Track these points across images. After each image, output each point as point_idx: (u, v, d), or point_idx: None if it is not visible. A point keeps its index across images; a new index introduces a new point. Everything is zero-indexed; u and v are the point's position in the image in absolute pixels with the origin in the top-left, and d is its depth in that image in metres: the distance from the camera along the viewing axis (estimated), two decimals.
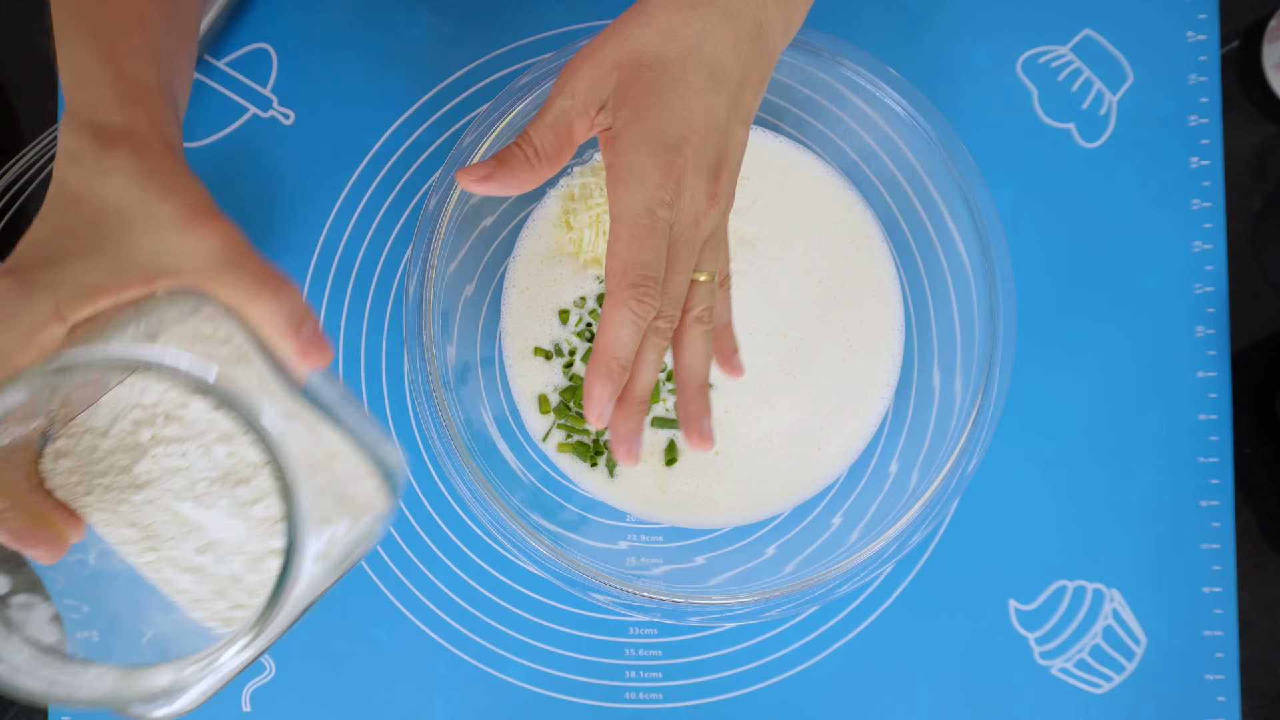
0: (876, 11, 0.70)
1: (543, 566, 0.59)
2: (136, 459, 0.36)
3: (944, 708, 0.67)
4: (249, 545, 0.37)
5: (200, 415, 0.37)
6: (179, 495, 0.36)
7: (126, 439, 0.37)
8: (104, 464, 0.36)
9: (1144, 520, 0.68)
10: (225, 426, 0.37)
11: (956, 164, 0.61)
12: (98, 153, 0.39)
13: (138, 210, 0.38)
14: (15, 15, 0.70)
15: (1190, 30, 0.70)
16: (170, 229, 0.38)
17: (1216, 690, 0.67)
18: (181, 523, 0.36)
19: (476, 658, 0.67)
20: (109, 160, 0.39)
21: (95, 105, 0.40)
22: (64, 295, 0.37)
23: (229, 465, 0.37)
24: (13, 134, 0.70)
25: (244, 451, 0.37)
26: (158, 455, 0.36)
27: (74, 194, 0.39)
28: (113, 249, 0.38)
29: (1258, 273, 0.69)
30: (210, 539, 0.36)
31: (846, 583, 0.60)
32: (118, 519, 0.36)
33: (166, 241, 0.38)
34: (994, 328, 0.60)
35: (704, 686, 0.67)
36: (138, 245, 0.38)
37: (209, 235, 0.38)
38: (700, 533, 0.66)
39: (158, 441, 0.37)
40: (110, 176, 0.39)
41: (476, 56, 0.69)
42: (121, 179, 0.39)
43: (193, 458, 0.36)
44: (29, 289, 0.37)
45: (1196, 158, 0.69)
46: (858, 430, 0.66)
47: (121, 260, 0.38)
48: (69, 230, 0.38)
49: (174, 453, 0.36)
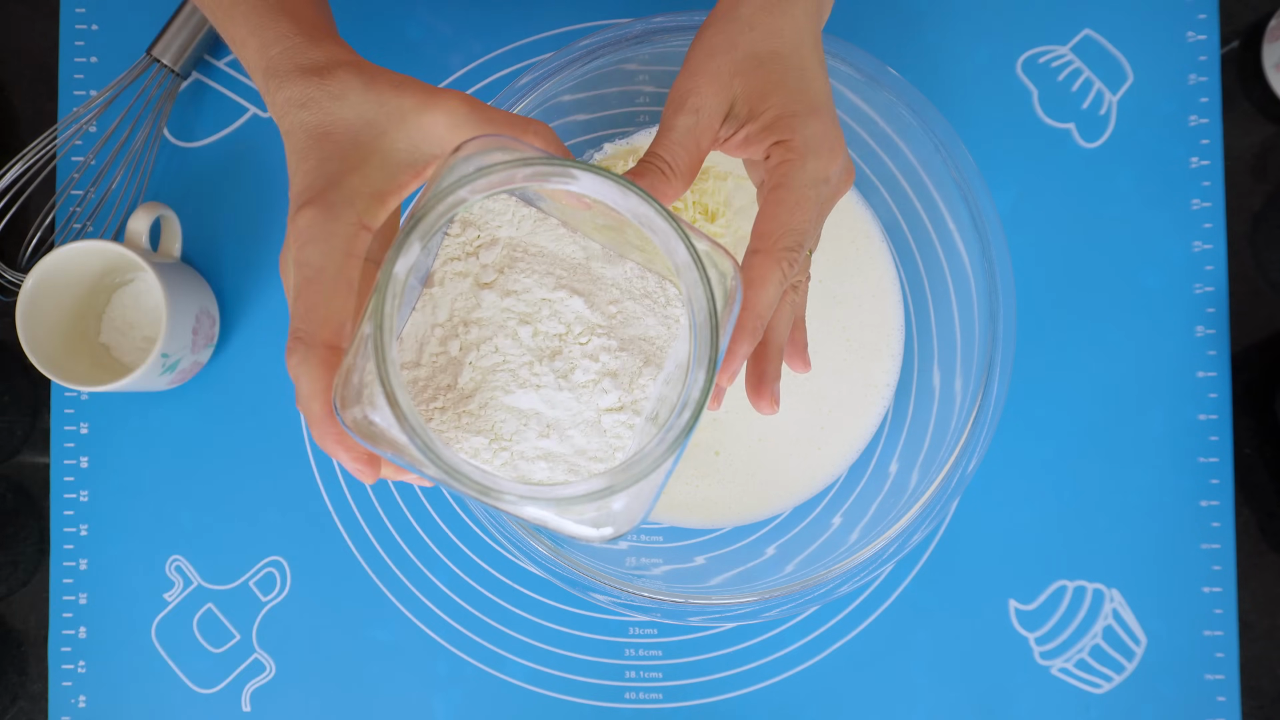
0: (876, 11, 0.70)
1: (543, 566, 0.59)
2: (456, 374, 0.39)
3: (944, 708, 0.67)
4: (583, 413, 0.38)
5: (494, 309, 0.39)
6: (506, 389, 0.38)
7: (439, 360, 0.39)
8: (430, 389, 0.39)
9: (1144, 520, 0.68)
10: (521, 309, 0.39)
11: (956, 164, 0.61)
12: (319, 87, 0.42)
13: (380, 115, 0.42)
14: (15, 15, 0.70)
15: (1190, 30, 0.70)
16: (417, 114, 0.41)
17: (1216, 690, 0.67)
18: (517, 415, 0.38)
19: (476, 658, 0.67)
20: (333, 87, 0.42)
21: (291, 53, 0.43)
22: (360, 206, 0.40)
23: (537, 344, 0.39)
24: (12, 134, 0.70)
25: (546, 326, 0.39)
26: (473, 361, 0.39)
27: (318, 129, 0.42)
28: (377, 155, 0.41)
29: (1258, 273, 0.69)
30: (548, 420, 0.38)
31: (846, 583, 0.60)
32: (464, 433, 0.38)
33: (419, 127, 0.41)
34: (994, 327, 0.60)
35: (704, 686, 0.67)
36: (396, 145, 0.41)
37: (453, 101, 0.42)
38: (700, 533, 0.66)
39: (467, 349, 0.39)
40: (343, 99, 0.42)
41: (476, 56, 0.69)
42: (354, 96, 0.42)
43: (505, 349, 0.39)
44: (331, 209, 0.40)
45: (1196, 158, 0.69)
46: (858, 430, 0.66)
47: (389, 161, 0.41)
48: (331, 156, 0.41)
49: (486, 352, 0.39)
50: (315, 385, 0.39)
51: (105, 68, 0.69)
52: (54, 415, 0.69)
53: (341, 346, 0.39)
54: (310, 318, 0.39)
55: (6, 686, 0.68)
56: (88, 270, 0.66)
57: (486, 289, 0.39)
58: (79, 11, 0.70)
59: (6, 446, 0.69)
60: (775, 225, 0.45)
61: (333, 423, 0.39)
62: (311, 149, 0.42)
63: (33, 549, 0.69)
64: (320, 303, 0.40)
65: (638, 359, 0.39)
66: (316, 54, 0.43)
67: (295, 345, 0.40)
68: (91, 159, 0.68)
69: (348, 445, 0.39)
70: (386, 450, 0.37)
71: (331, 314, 0.40)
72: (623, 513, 0.39)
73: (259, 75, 0.44)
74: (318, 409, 0.39)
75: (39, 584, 0.68)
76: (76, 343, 0.67)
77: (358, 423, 0.37)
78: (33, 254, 0.68)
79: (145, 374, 0.63)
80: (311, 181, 0.41)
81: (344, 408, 0.37)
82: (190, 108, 0.70)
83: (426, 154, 0.42)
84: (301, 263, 0.40)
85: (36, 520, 0.68)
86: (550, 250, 0.40)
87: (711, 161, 0.66)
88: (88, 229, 0.68)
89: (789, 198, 0.46)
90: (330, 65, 0.43)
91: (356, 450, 0.39)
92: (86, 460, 0.68)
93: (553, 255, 0.40)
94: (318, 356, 0.39)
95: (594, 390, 0.39)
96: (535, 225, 0.41)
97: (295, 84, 0.43)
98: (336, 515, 0.68)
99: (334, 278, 0.40)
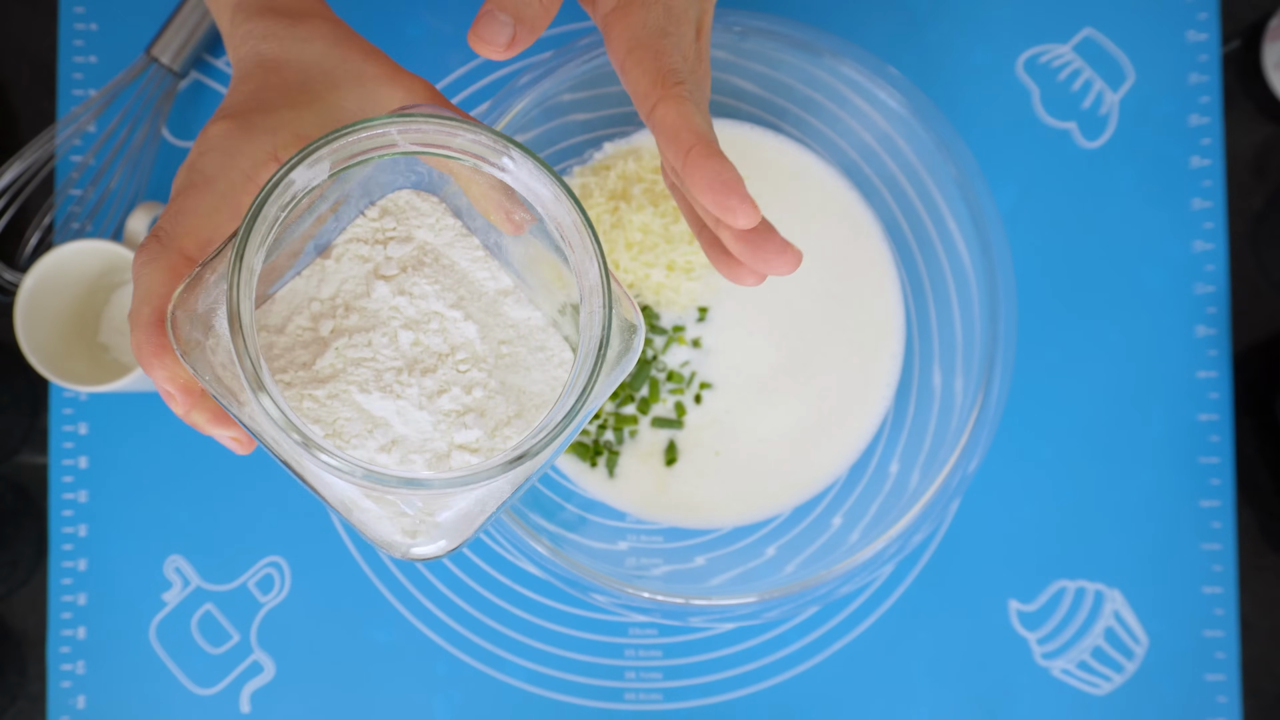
0: (877, 11, 0.70)
1: (542, 567, 0.59)
2: (317, 354, 0.36)
3: (944, 708, 0.67)
4: (434, 440, 0.36)
5: (383, 303, 0.37)
6: (364, 387, 0.35)
7: (304, 334, 0.36)
8: (283, 360, 0.36)
9: (1145, 520, 0.68)
10: (410, 313, 0.37)
11: (957, 164, 0.61)
12: (290, 26, 0.41)
13: (341, 70, 0.40)
14: (15, 15, 0.70)
15: (1191, 30, 0.69)
16: (378, 83, 0.40)
17: (1217, 690, 0.67)
18: (365, 418, 0.35)
19: (476, 658, 0.67)
20: (305, 30, 0.41)
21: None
22: (280, 139, 0.38)
23: (414, 354, 0.36)
24: (11, 134, 0.70)
25: (429, 340, 0.36)
26: (340, 348, 0.36)
27: (273, 61, 0.40)
28: (322, 103, 0.40)
29: (1258, 272, 0.69)
30: (395, 435, 0.36)
31: (847, 583, 0.60)
32: (302, 416, 0.35)
33: (374, 95, 0.40)
34: (995, 327, 0.60)
35: (704, 687, 0.67)
36: (344, 101, 0.40)
37: (416, 84, 0.41)
38: (700, 533, 0.66)
39: (339, 333, 0.36)
40: (310, 43, 0.41)
41: (476, 56, 0.69)
42: (322, 44, 0.41)
43: (378, 346, 0.36)
44: (249, 130, 0.38)
45: (1197, 157, 0.69)
46: (858, 430, 0.66)
47: (330, 114, 0.39)
48: (275, 86, 0.40)
49: (358, 343, 0.36)
50: (154, 289, 0.36)
51: (104, 67, 0.69)
52: (53, 415, 0.68)
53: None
54: (178, 221, 0.37)
55: (5, 687, 0.68)
56: (87, 270, 0.66)
57: (383, 280, 0.37)
58: (78, 11, 0.70)
59: (5, 447, 0.69)
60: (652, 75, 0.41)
61: (159, 333, 0.36)
62: (255, 75, 0.40)
63: (32, 549, 0.68)
64: (195, 210, 0.37)
65: (511, 408, 0.37)
66: (291, 2, 0.42)
67: (150, 243, 0.37)
68: (90, 159, 0.68)
69: (167, 361, 0.36)
70: (208, 382, 0.35)
71: (202, 226, 0.37)
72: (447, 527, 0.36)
73: (225, 11, 0.42)
74: (147, 313, 0.36)
75: (38, 584, 0.68)
76: (75, 343, 0.67)
77: (187, 344, 0.34)
78: (32, 254, 0.68)
79: (144, 374, 0.63)
80: (242, 101, 0.39)
81: (176, 324, 0.34)
82: (189, 107, 0.70)
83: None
84: (194, 168, 0.38)
85: (35, 520, 0.68)
86: (461, 268, 0.38)
87: None
88: (86, 229, 0.68)
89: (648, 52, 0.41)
90: (305, 13, 0.41)
91: (175, 369, 0.36)
92: (85, 460, 0.68)
93: (462, 274, 0.38)
94: (169, 260, 0.36)
95: (455, 421, 0.36)
96: (455, 238, 0.38)
97: (263, 19, 0.41)
98: (336, 515, 0.68)
99: (221, 192, 0.37)
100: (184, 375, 0.36)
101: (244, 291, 0.32)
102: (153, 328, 0.36)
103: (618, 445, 0.65)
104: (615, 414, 0.65)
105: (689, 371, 0.65)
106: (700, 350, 0.65)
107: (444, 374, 0.36)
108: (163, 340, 0.36)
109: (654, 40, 0.41)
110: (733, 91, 0.66)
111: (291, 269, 0.37)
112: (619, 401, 0.65)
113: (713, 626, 0.67)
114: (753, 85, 0.66)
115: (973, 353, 0.62)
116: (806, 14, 0.69)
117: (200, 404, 0.37)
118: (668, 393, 0.65)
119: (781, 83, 0.65)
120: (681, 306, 0.65)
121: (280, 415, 0.32)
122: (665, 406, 0.65)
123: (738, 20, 0.60)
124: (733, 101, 0.66)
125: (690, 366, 0.65)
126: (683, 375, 0.65)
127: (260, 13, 0.41)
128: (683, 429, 0.65)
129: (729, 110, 0.67)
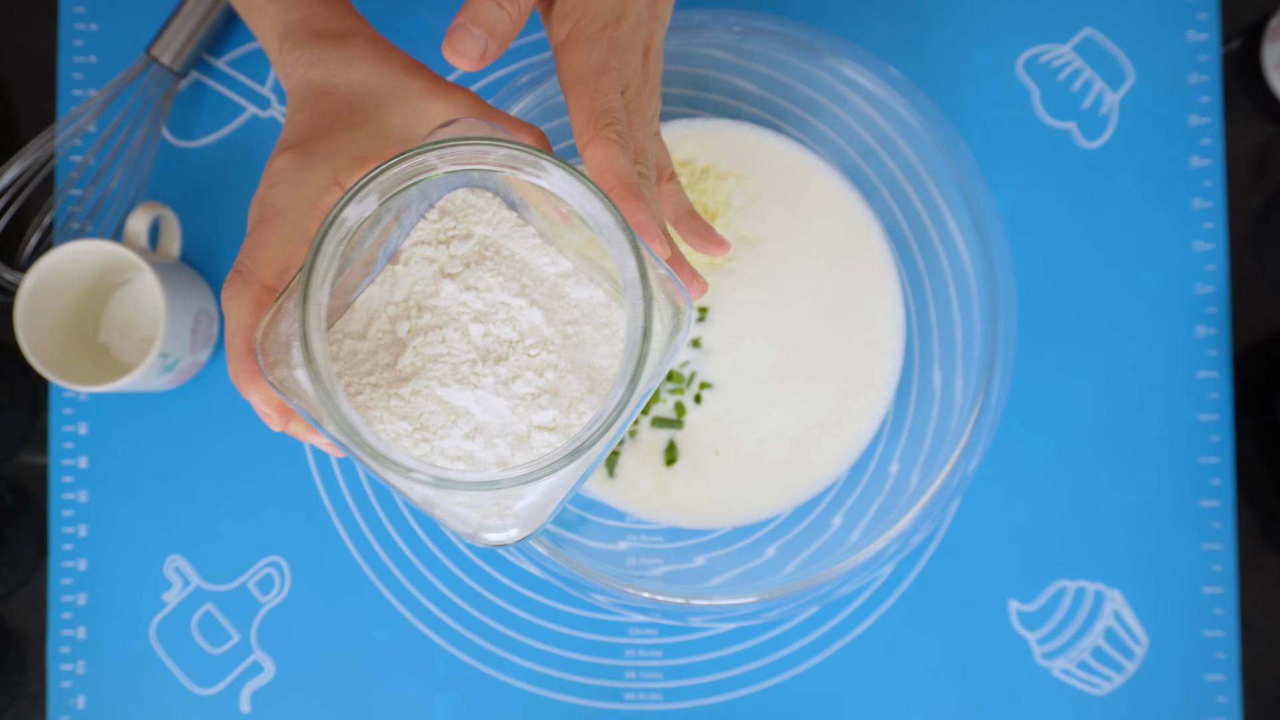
0: (877, 11, 0.70)
1: (542, 567, 0.59)
2: (397, 354, 0.38)
3: (944, 709, 0.67)
4: (514, 424, 0.38)
5: (452, 300, 0.39)
6: (443, 381, 0.38)
7: (384, 337, 0.39)
8: (368, 364, 0.38)
9: (1145, 520, 0.68)
10: (478, 306, 0.39)
11: (957, 164, 0.61)
12: (334, 50, 0.43)
13: (387, 88, 0.42)
14: (15, 15, 0.70)
15: (1191, 30, 0.69)
16: (422, 97, 0.42)
17: (1217, 690, 0.67)
18: (448, 410, 0.38)
19: (476, 658, 0.67)
20: (349, 52, 0.43)
21: (310, 20, 0.44)
22: (339, 164, 0.41)
23: (486, 345, 0.38)
24: (11, 133, 0.70)
25: (498, 330, 0.38)
26: (417, 346, 0.38)
27: (322, 88, 0.42)
28: (371, 123, 0.42)
29: (1258, 272, 0.69)
30: (477, 422, 0.38)
31: (847, 583, 0.60)
32: (390, 415, 0.37)
33: (419, 109, 0.42)
34: (995, 327, 0.60)
35: (704, 687, 0.67)
36: (392, 118, 0.42)
37: (459, 95, 0.42)
38: (700, 533, 0.66)
39: (414, 333, 0.38)
40: (355, 64, 0.42)
41: None
42: (366, 65, 0.42)
43: (452, 342, 0.38)
44: (309, 159, 0.40)
45: (1197, 157, 0.69)
46: (858, 430, 0.66)
47: (381, 132, 0.41)
48: (327, 113, 0.42)
49: (433, 340, 0.38)
50: (242, 320, 0.39)
51: (104, 67, 0.69)
52: (53, 415, 0.68)
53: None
54: (256, 255, 0.39)
55: (5, 687, 0.68)
56: (86, 270, 0.66)
57: (449, 279, 0.39)
58: (78, 11, 0.70)
59: (5, 447, 0.69)
60: (586, 115, 0.43)
61: (250, 362, 0.38)
62: (308, 102, 0.42)
63: (32, 549, 0.68)
64: (270, 242, 0.39)
65: (583, 385, 0.39)
66: (335, 23, 0.43)
67: (234, 278, 0.39)
68: (90, 159, 0.68)
69: (260, 387, 0.39)
70: (296, 402, 0.37)
71: (278, 256, 0.39)
72: (521, 515, 0.38)
73: (273, 41, 0.44)
74: (239, 344, 0.39)
75: (38, 584, 0.68)
76: (75, 343, 0.67)
77: (275, 368, 0.37)
78: (32, 254, 0.68)
79: (144, 374, 0.63)
80: (299, 131, 0.41)
81: (265, 351, 0.37)
82: (189, 107, 0.70)
83: (419, 135, 0.41)
84: (265, 201, 0.40)
85: (35, 520, 0.68)
86: (521, 257, 0.40)
87: (711, 160, 0.65)
88: (86, 229, 0.68)
89: (586, 91, 0.43)
90: (347, 34, 0.43)
91: (268, 393, 0.39)
92: (85, 460, 0.68)
93: (523, 263, 0.40)
94: (251, 293, 0.39)
95: (531, 404, 0.38)
96: (512, 229, 0.40)
97: (309, 47, 0.43)
98: (335, 515, 0.68)
99: (292, 223, 0.40)
100: (276, 398, 0.39)
101: (313, 325, 0.34)
102: (244, 357, 0.39)
103: (618, 445, 0.65)
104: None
105: (689, 371, 0.65)
106: (700, 350, 0.65)
107: (516, 360, 0.38)
108: (253, 367, 0.38)
109: (593, 78, 0.44)
110: (733, 91, 0.66)
111: (366, 278, 0.39)
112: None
113: (713, 626, 0.67)
114: (753, 85, 0.66)
115: (973, 353, 0.62)
116: (806, 14, 0.69)
117: (295, 420, 0.40)
118: (668, 393, 0.65)
119: (781, 83, 0.65)
120: None
121: (347, 437, 0.34)
122: (665, 406, 0.65)
123: (738, 20, 0.60)
124: (733, 101, 0.66)
125: (690, 366, 0.65)
126: (683, 375, 0.65)
127: (305, 39, 0.43)
128: (683, 429, 0.65)
129: (729, 110, 0.67)
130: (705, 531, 0.66)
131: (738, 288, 0.65)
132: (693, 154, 0.66)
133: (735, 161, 0.66)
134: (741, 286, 0.65)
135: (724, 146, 0.66)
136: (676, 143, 0.65)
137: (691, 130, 0.66)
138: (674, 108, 0.67)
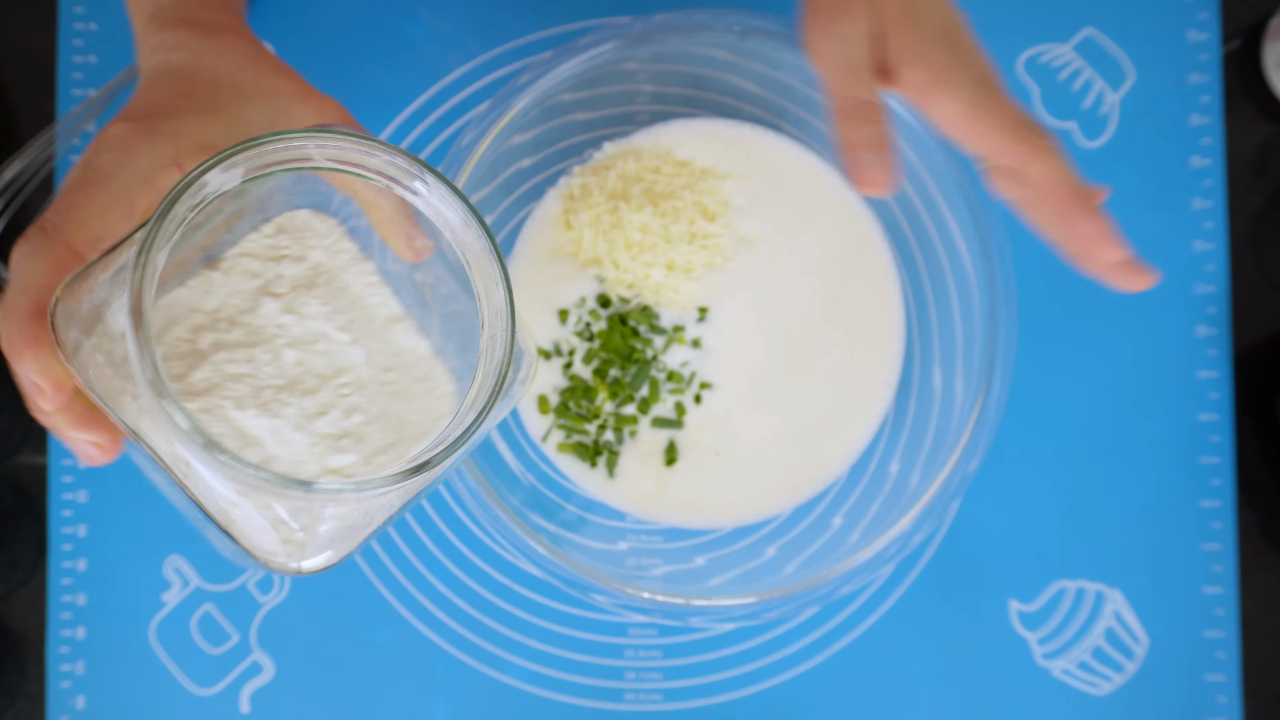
0: None
1: (542, 567, 0.59)
2: (193, 366, 0.35)
3: (944, 709, 0.67)
4: (307, 464, 0.35)
5: (269, 320, 0.36)
6: (241, 404, 0.34)
7: (180, 346, 0.35)
8: None
9: (1145, 520, 0.68)
10: (296, 332, 0.36)
11: (957, 164, 0.61)
12: (203, 38, 0.40)
13: (254, 84, 0.40)
14: (15, 15, 0.70)
15: (1191, 29, 0.69)
16: (289, 100, 0.40)
17: (1217, 691, 0.67)
18: (239, 435, 0.34)
19: (475, 659, 0.67)
20: (219, 43, 0.40)
21: (183, 5, 0.41)
22: (183, 146, 0.37)
23: (297, 373, 0.35)
24: (11, 133, 0.70)
25: (314, 360, 0.36)
26: (218, 362, 0.35)
27: (183, 70, 0.40)
28: (228, 114, 0.39)
29: (1259, 273, 0.69)
30: (267, 454, 0.35)
31: (847, 583, 0.60)
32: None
33: (285, 110, 0.40)
34: (995, 327, 0.60)
35: (704, 687, 0.67)
36: (253, 115, 0.39)
37: (328, 105, 0.41)
38: (700, 533, 0.66)
39: (219, 347, 0.35)
40: (224, 55, 0.40)
41: (476, 55, 0.69)
42: (236, 58, 0.40)
43: (260, 363, 0.35)
44: (151, 134, 0.37)
45: (1197, 157, 0.69)
46: (858, 430, 0.66)
47: (237, 125, 0.39)
48: (183, 93, 0.39)
49: (238, 358, 0.35)
50: (35, 279, 0.35)
51: (104, 67, 0.69)
52: None
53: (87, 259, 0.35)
54: (69, 215, 0.36)
55: (5, 687, 0.68)
56: None
57: (272, 298, 0.36)
58: (77, 11, 0.70)
59: (5, 446, 0.69)
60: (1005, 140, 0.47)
61: (35, 324, 0.34)
62: (163, 81, 0.39)
63: (31, 549, 0.68)
64: (86, 206, 0.36)
65: (389, 436, 0.36)
66: (209, 15, 0.41)
67: (34, 233, 0.35)
68: None
69: (41, 356, 0.34)
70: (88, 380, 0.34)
71: (93, 222, 0.36)
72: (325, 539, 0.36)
73: (142, 19, 0.41)
74: (24, 304, 0.34)
75: (37, 584, 0.68)
76: None
77: (66, 341, 0.33)
78: None
79: None
80: (146, 105, 0.38)
81: (58, 320, 0.33)
82: None
83: None
84: (90, 166, 0.37)
85: (35, 520, 0.68)
86: (354, 291, 0.37)
87: (711, 161, 0.65)
88: None
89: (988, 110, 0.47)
90: (220, 27, 0.41)
91: (47, 364, 0.34)
92: None
93: (354, 297, 0.37)
94: (54, 252, 0.35)
95: (332, 445, 0.35)
96: (350, 261, 0.38)
97: (177, 30, 0.40)
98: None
99: (116, 191, 0.36)
100: (56, 371, 0.35)
101: (147, 286, 0.31)
102: (29, 318, 0.34)
103: (617, 445, 0.65)
104: (615, 414, 0.65)
105: (689, 371, 0.65)
106: (700, 350, 0.65)
107: (325, 396, 0.35)
108: (38, 332, 0.34)
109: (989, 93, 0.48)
110: (733, 91, 0.66)
111: (175, 279, 0.36)
112: (619, 401, 0.65)
113: (713, 627, 0.67)
114: (753, 85, 0.66)
115: (973, 353, 0.62)
116: None
117: (68, 405, 0.36)
118: (668, 393, 0.65)
119: (781, 83, 0.65)
120: (681, 306, 0.65)
121: (185, 418, 0.31)
122: (665, 406, 0.65)
123: (738, 20, 0.60)
124: (733, 101, 0.66)
125: (690, 366, 0.65)
126: (683, 375, 0.65)
127: (174, 24, 0.41)
128: (683, 429, 0.65)
129: (729, 110, 0.67)
130: (705, 531, 0.66)
131: (738, 288, 0.65)
132: (693, 154, 0.66)
133: (735, 161, 0.66)
134: (741, 286, 0.65)
135: (724, 146, 0.66)
136: (676, 143, 0.65)
137: (691, 130, 0.66)
138: (674, 108, 0.67)
